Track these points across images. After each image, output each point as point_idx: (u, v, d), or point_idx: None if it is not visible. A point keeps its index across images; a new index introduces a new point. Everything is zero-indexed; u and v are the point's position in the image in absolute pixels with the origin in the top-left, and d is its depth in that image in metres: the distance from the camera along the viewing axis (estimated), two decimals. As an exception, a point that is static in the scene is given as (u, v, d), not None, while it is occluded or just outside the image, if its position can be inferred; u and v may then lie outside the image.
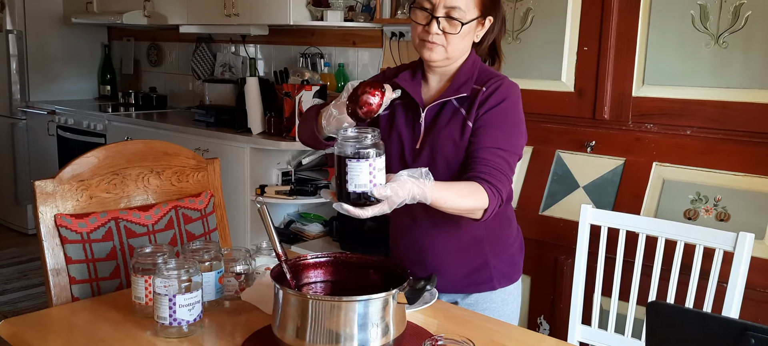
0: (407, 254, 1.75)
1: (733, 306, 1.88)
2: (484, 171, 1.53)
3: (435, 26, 1.57)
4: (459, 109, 1.63)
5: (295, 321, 1.28)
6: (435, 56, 1.60)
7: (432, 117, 1.65)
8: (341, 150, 1.34)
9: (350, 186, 1.33)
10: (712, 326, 1.02)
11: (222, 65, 4.59)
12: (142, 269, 1.52)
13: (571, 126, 2.54)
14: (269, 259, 1.77)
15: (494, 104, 1.59)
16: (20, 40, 5.00)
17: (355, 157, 1.32)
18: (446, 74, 1.68)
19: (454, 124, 1.62)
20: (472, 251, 1.70)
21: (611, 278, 2.08)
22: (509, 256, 1.75)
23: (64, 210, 1.77)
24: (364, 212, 1.35)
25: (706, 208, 2.23)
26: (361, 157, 1.32)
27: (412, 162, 1.66)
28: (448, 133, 1.61)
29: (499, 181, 1.53)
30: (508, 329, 1.54)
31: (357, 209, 1.34)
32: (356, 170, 1.32)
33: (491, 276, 1.73)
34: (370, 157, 1.33)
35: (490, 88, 1.61)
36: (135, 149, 1.95)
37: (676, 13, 2.29)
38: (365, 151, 1.33)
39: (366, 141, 1.34)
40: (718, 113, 2.23)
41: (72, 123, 4.65)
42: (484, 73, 1.66)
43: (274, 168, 3.64)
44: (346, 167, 1.32)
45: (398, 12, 3.36)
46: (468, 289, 1.73)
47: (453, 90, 1.63)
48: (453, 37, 1.58)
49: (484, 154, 1.56)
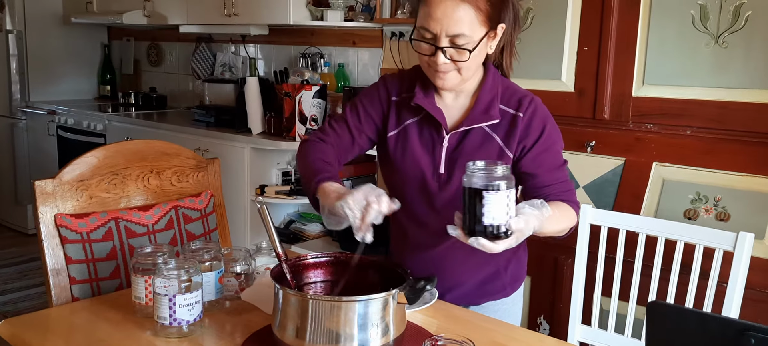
0: (422, 267, 1.65)
1: (733, 306, 1.88)
2: (561, 191, 1.55)
3: (441, 57, 1.46)
4: (491, 135, 1.56)
5: (295, 321, 1.28)
6: (448, 84, 1.53)
7: (457, 140, 1.57)
8: (473, 183, 1.28)
9: (487, 219, 1.27)
10: (712, 326, 1.02)
11: (222, 65, 4.59)
12: (142, 269, 1.52)
13: (571, 126, 2.54)
14: (269, 259, 1.77)
15: (540, 132, 1.55)
16: (20, 40, 4.99)
17: (493, 189, 1.27)
18: (465, 90, 1.59)
19: (487, 150, 1.56)
20: (487, 260, 1.65)
21: (611, 278, 2.08)
22: (517, 258, 1.73)
23: (64, 210, 1.77)
24: (496, 246, 1.30)
25: (706, 208, 2.23)
26: (497, 189, 1.27)
27: (439, 189, 1.58)
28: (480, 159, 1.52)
29: (574, 194, 1.58)
30: (508, 329, 1.54)
31: (491, 242, 1.29)
32: (493, 203, 1.27)
33: (504, 284, 1.70)
34: (504, 189, 1.28)
35: (526, 114, 1.55)
36: (135, 149, 1.95)
37: (676, 13, 2.29)
38: (498, 183, 1.27)
39: (497, 172, 1.29)
40: (718, 113, 2.23)
41: (72, 123, 4.65)
42: (509, 90, 1.59)
43: (274, 168, 3.64)
44: (483, 200, 1.27)
45: (398, 12, 3.36)
46: (482, 300, 1.70)
47: (481, 113, 1.55)
48: (463, 64, 1.48)
49: (553, 177, 1.56)
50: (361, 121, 1.65)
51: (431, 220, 1.61)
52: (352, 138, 1.65)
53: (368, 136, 1.66)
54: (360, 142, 1.65)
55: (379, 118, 1.65)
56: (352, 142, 1.65)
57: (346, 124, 1.65)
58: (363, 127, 1.65)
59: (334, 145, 1.63)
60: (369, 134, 1.66)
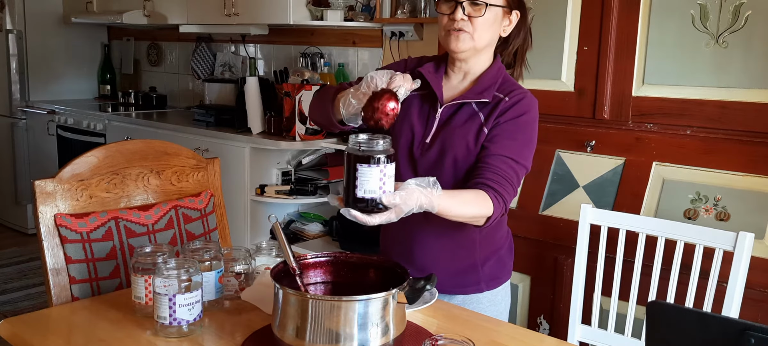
0: (396, 250, 1.74)
1: (733, 306, 1.88)
2: (492, 179, 1.53)
3: (460, 12, 1.57)
4: (477, 113, 1.62)
5: (295, 321, 1.28)
6: (461, 45, 1.60)
7: (448, 115, 1.65)
8: (352, 153, 1.31)
9: (359, 191, 1.30)
10: (712, 326, 1.02)
11: (222, 65, 4.59)
12: (142, 268, 1.52)
13: (571, 126, 2.54)
14: (269, 259, 1.77)
15: (514, 116, 1.60)
16: (20, 40, 5.00)
17: (366, 162, 1.29)
18: (470, 74, 1.67)
19: (469, 127, 1.61)
20: (462, 252, 1.70)
21: (611, 278, 2.08)
22: (498, 258, 1.75)
23: (64, 210, 1.77)
24: (371, 219, 1.32)
25: (706, 207, 2.23)
26: (372, 162, 1.29)
27: (420, 155, 1.65)
28: (462, 134, 1.61)
29: (505, 190, 1.53)
30: (508, 329, 1.54)
31: (364, 215, 1.32)
32: (366, 176, 1.30)
33: (479, 279, 1.72)
34: (380, 162, 1.30)
35: (512, 99, 1.61)
36: (135, 149, 1.95)
37: (676, 12, 2.29)
38: (376, 156, 1.30)
39: (377, 146, 1.31)
40: (718, 113, 2.23)
41: (72, 123, 4.65)
42: (508, 83, 1.66)
43: (274, 168, 3.64)
44: (356, 172, 1.30)
45: (398, 12, 3.36)
46: (454, 290, 1.72)
47: (475, 93, 1.63)
48: (479, 22, 1.57)
49: (494, 161, 1.56)
50: None
51: None
52: None
53: None
54: None
55: None
56: None
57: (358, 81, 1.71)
58: None
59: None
60: None
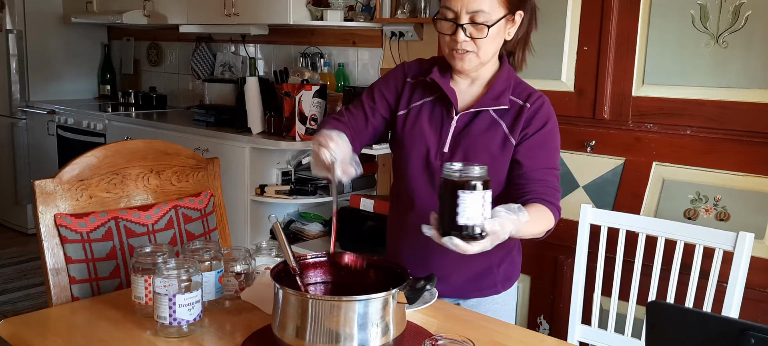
0: (413, 256, 1.69)
1: (733, 306, 1.88)
2: (546, 192, 1.56)
3: (461, 34, 1.53)
4: (498, 121, 1.60)
5: (295, 321, 1.28)
6: (467, 66, 1.58)
7: (465, 122, 1.62)
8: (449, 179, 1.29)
9: (461, 219, 1.27)
10: (712, 326, 1.02)
11: (222, 65, 4.59)
12: (142, 268, 1.52)
13: (571, 126, 2.54)
14: (269, 259, 1.77)
15: (542, 125, 1.60)
16: (20, 40, 4.99)
17: (468, 189, 1.27)
18: (479, 79, 1.65)
19: (492, 135, 1.60)
20: (480, 255, 1.67)
21: (611, 278, 2.08)
22: (511, 258, 1.75)
23: (63, 210, 1.77)
24: (471, 247, 1.30)
25: (705, 207, 2.23)
26: (473, 188, 1.27)
27: (440, 167, 1.60)
28: (484, 143, 1.59)
29: (557, 199, 1.58)
30: (508, 329, 1.54)
31: (465, 243, 1.29)
32: (468, 202, 1.27)
33: (495, 281, 1.72)
34: (479, 188, 1.27)
35: (534, 106, 1.61)
36: (135, 149, 1.95)
37: (676, 12, 2.29)
38: (475, 182, 1.27)
39: (474, 173, 1.28)
40: (718, 113, 2.23)
41: (72, 123, 4.65)
42: (520, 85, 1.65)
43: (274, 168, 3.64)
44: (458, 199, 1.27)
45: (398, 12, 3.36)
46: (472, 294, 1.72)
47: (490, 99, 1.60)
48: (482, 42, 1.54)
49: (541, 175, 1.58)
50: (375, 101, 1.71)
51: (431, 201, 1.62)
52: (366, 117, 1.70)
53: (382, 115, 1.71)
54: (374, 121, 1.70)
55: (393, 98, 1.70)
56: (365, 121, 1.70)
57: (361, 105, 1.71)
58: (377, 106, 1.70)
59: (349, 124, 1.67)
60: (382, 113, 1.71)
